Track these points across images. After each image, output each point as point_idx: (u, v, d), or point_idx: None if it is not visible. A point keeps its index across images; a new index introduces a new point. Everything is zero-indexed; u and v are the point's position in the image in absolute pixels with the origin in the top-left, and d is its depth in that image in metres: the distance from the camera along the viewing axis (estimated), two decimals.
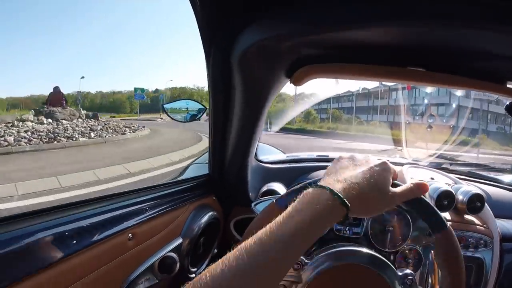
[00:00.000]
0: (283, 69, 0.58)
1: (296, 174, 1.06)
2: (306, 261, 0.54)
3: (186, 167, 1.29)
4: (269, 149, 1.30)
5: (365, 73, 0.57)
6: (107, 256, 0.56)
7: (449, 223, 0.49)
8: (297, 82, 0.58)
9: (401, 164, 1.00)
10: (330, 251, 0.54)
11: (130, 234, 0.61)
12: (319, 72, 0.57)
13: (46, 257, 0.47)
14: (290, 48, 0.52)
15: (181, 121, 0.94)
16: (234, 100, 0.68)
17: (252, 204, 0.86)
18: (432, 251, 0.68)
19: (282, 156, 1.28)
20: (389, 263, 0.52)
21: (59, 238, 0.49)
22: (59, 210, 0.55)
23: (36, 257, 0.45)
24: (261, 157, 1.08)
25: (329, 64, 0.56)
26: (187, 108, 0.93)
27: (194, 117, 0.93)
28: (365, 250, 0.54)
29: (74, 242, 0.51)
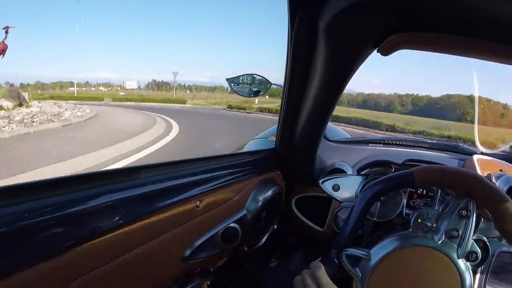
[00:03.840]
0: (372, 37, 0.54)
1: (362, 156, 1.01)
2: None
3: (247, 142, 1.29)
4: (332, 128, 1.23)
5: (464, 48, 0.52)
6: (176, 221, 0.58)
7: None
8: (385, 51, 0.55)
9: (471, 154, 0.98)
10: (400, 233, 0.54)
11: (198, 202, 0.62)
12: (410, 42, 0.53)
13: (120, 217, 0.48)
14: (382, 14, 0.49)
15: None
16: (315, 71, 0.64)
17: (320, 181, 0.83)
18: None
19: (348, 136, 1.23)
20: (460, 248, 0.52)
21: (132, 200, 0.51)
22: (134, 172, 0.57)
23: (109, 217, 0.47)
24: (327, 135, 1.03)
25: (424, 34, 0.50)
26: (251, 82, 0.90)
27: (257, 93, 0.90)
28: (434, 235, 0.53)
29: (147, 204, 0.53)
